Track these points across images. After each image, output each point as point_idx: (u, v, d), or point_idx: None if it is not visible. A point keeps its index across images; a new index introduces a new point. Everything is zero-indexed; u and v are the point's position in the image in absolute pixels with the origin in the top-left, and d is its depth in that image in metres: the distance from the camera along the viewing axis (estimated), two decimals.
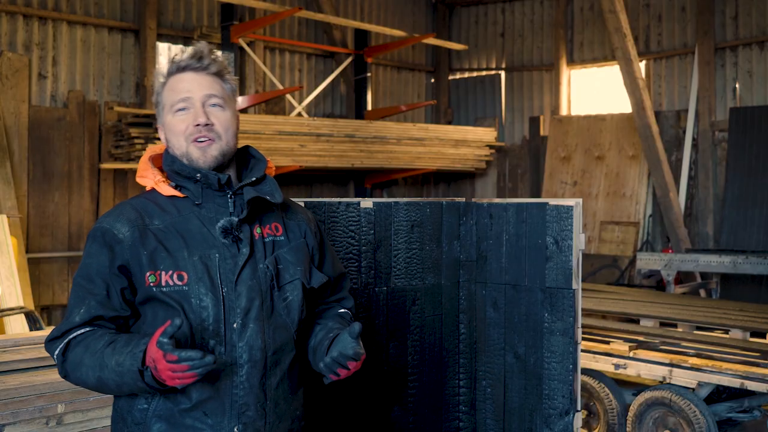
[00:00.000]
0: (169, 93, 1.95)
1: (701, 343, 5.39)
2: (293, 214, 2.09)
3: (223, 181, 1.91)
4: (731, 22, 10.02)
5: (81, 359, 1.80)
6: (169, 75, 1.97)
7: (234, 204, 1.93)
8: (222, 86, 1.99)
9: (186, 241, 1.87)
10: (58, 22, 8.54)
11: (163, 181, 1.95)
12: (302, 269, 1.99)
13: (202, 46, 1.97)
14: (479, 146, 11.15)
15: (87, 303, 1.84)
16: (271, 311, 1.92)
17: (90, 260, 1.88)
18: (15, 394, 3.17)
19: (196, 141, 1.91)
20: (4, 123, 7.91)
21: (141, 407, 1.86)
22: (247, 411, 1.87)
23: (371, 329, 2.75)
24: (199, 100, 1.93)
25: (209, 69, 1.97)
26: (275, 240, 1.98)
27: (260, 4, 9.34)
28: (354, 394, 2.73)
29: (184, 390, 1.83)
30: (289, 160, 8.88)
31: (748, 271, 8.14)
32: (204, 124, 1.91)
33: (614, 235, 10.39)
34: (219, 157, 1.92)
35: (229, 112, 1.98)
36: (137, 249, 1.84)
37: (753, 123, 9.47)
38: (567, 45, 11.63)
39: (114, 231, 1.86)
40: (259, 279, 1.90)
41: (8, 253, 6.87)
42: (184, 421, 1.84)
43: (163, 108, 1.97)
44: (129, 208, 1.92)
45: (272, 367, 1.91)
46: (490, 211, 2.90)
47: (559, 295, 2.69)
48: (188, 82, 1.94)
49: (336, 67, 11.05)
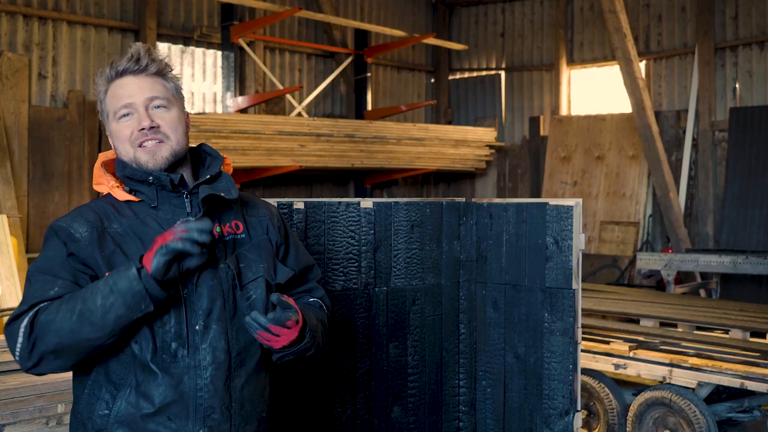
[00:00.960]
0: (111, 100, 1.90)
1: (701, 343, 5.39)
2: (254, 209, 2.05)
3: (175, 181, 1.88)
4: (731, 22, 10.02)
5: (56, 312, 1.70)
6: (109, 81, 1.91)
7: (191, 204, 1.90)
8: (164, 86, 1.93)
9: (144, 243, 1.82)
10: (58, 22, 8.55)
11: (117, 187, 1.91)
12: (265, 266, 1.95)
13: (139, 47, 1.92)
14: (479, 146, 11.15)
15: (59, 284, 1.77)
16: (233, 311, 1.88)
17: (51, 253, 1.81)
18: (15, 394, 3.18)
19: (142, 145, 1.87)
20: (4, 123, 7.91)
21: (102, 413, 1.80)
22: (212, 414, 1.83)
23: (371, 329, 2.75)
24: (142, 104, 1.88)
25: (148, 70, 1.91)
26: (236, 238, 1.94)
27: (260, 4, 9.35)
28: (354, 394, 2.73)
29: (146, 394, 1.79)
30: (289, 160, 8.88)
31: (748, 271, 8.14)
32: (149, 127, 1.87)
33: (614, 235, 10.39)
34: (170, 157, 1.88)
35: (175, 111, 1.92)
36: (94, 250, 1.80)
37: (753, 123, 9.47)
38: (567, 45, 11.63)
39: (71, 230, 1.82)
40: (220, 279, 1.86)
41: (8, 253, 6.88)
42: (147, 426, 1.79)
43: (108, 116, 1.92)
44: (88, 210, 1.88)
45: (237, 368, 1.87)
46: (490, 211, 2.90)
47: (559, 295, 2.69)
48: (128, 87, 1.89)
49: (336, 67, 11.05)
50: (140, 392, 1.79)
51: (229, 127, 8.31)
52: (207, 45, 9.84)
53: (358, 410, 2.73)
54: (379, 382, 2.77)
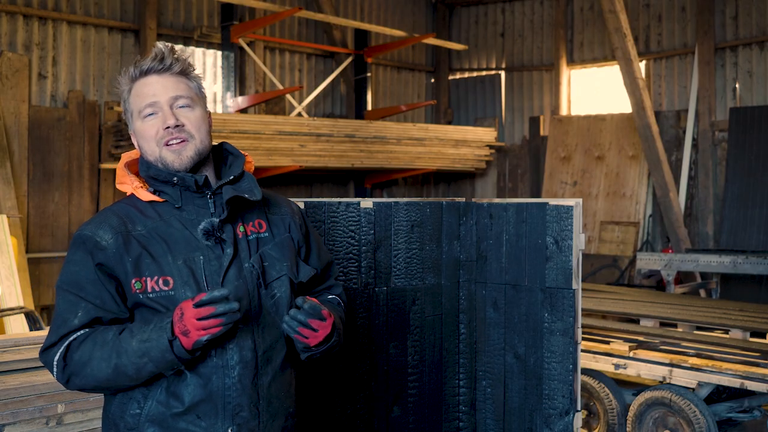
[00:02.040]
0: (135, 99, 1.92)
1: (701, 343, 5.39)
2: (276, 208, 2.06)
3: (200, 182, 1.89)
4: (731, 22, 10.02)
5: (90, 355, 1.76)
6: (133, 81, 1.93)
7: (214, 204, 1.91)
8: (188, 85, 1.95)
9: (169, 245, 1.85)
10: (58, 22, 8.54)
11: (141, 187, 1.93)
12: (288, 264, 1.98)
13: (162, 47, 1.94)
14: (479, 146, 11.15)
15: (82, 307, 1.81)
16: (259, 310, 1.91)
17: (75, 267, 1.84)
18: (15, 394, 3.17)
19: (167, 144, 1.89)
20: (4, 123, 7.91)
21: (133, 412, 1.84)
22: (240, 412, 1.86)
23: (371, 329, 2.75)
24: (167, 103, 1.90)
25: (172, 69, 1.93)
26: (259, 237, 1.96)
27: (260, 4, 9.34)
28: (354, 394, 2.73)
29: (175, 393, 1.82)
30: (289, 160, 8.88)
31: (748, 271, 8.13)
32: (174, 125, 1.88)
33: (614, 235, 10.39)
34: (195, 156, 1.90)
35: (199, 111, 1.94)
36: (121, 256, 1.82)
37: (753, 123, 9.47)
38: (567, 45, 11.63)
39: (96, 238, 1.83)
40: (245, 278, 1.89)
41: (8, 253, 6.88)
42: (177, 425, 1.83)
43: (132, 115, 1.94)
44: (111, 214, 1.89)
45: (263, 366, 1.90)
46: (490, 211, 2.90)
47: (559, 295, 2.69)
48: (153, 86, 1.91)
49: (336, 67, 11.05)
50: (170, 392, 1.83)
51: (229, 127, 8.31)
52: (207, 45, 9.84)
53: (358, 410, 2.73)
54: (379, 382, 2.77)
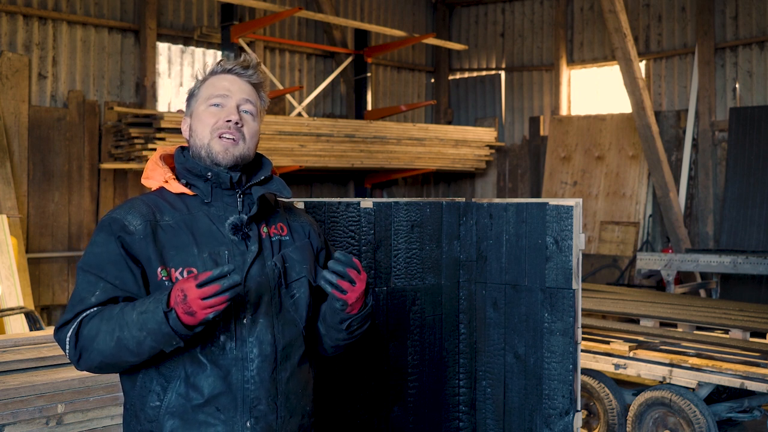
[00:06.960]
0: (208, 87, 2.02)
1: (701, 343, 5.39)
2: (297, 216, 2.14)
3: (234, 179, 1.96)
4: (731, 22, 10.02)
5: (97, 330, 1.77)
6: (212, 74, 2.04)
7: (242, 203, 1.98)
8: (258, 98, 2.05)
9: (195, 237, 1.90)
10: (58, 22, 8.54)
11: (173, 178, 1.99)
12: (308, 267, 2.04)
13: (252, 59, 2.05)
14: (479, 146, 11.15)
15: (101, 287, 1.83)
16: (279, 307, 1.95)
17: (98, 249, 1.87)
18: (15, 394, 3.17)
19: (221, 136, 1.96)
20: (4, 123, 7.91)
21: (154, 404, 1.87)
22: (258, 405, 1.89)
23: (371, 329, 2.75)
24: (236, 101, 2.00)
25: (252, 78, 2.04)
26: (281, 240, 2.03)
27: (260, 4, 9.34)
28: (354, 394, 2.73)
29: (195, 385, 1.84)
30: (289, 160, 8.88)
31: (748, 271, 8.14)
32: (235, 122, 1.97)
33: (614, 235, 10.39)
34: (239, 158, 1.97)
35: (257, 124, 2.04)
36: (148, 243, 1.86)
37: (753, 123, 9.47)
38: (567, 45, 11.63)
39: (125, 222, 1.88)
40: (267, 276, 1.94)
41: (8, 253, 6.88)
42: (197, 417, 1.85)
43: (197, 99, 2.03)
44: (140, 203, 1.94)
45: (282, 362, 1.94)
46: (490, 211, 2.90)
47: (559, 295, 2.69)
48: (229, 83, 2.01)
49: (336, 67, 11.05)
50: (190, 384, 1.85)
51: None
52: (207, 45, 9.84)
53: (358, 410, 2.73)
54: (379, 382, 2.77)
